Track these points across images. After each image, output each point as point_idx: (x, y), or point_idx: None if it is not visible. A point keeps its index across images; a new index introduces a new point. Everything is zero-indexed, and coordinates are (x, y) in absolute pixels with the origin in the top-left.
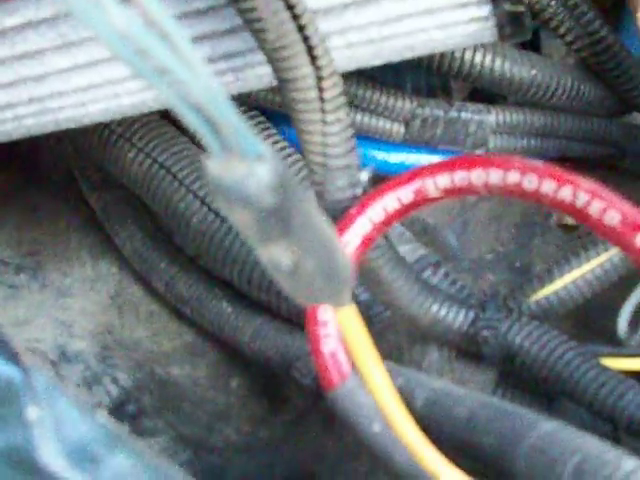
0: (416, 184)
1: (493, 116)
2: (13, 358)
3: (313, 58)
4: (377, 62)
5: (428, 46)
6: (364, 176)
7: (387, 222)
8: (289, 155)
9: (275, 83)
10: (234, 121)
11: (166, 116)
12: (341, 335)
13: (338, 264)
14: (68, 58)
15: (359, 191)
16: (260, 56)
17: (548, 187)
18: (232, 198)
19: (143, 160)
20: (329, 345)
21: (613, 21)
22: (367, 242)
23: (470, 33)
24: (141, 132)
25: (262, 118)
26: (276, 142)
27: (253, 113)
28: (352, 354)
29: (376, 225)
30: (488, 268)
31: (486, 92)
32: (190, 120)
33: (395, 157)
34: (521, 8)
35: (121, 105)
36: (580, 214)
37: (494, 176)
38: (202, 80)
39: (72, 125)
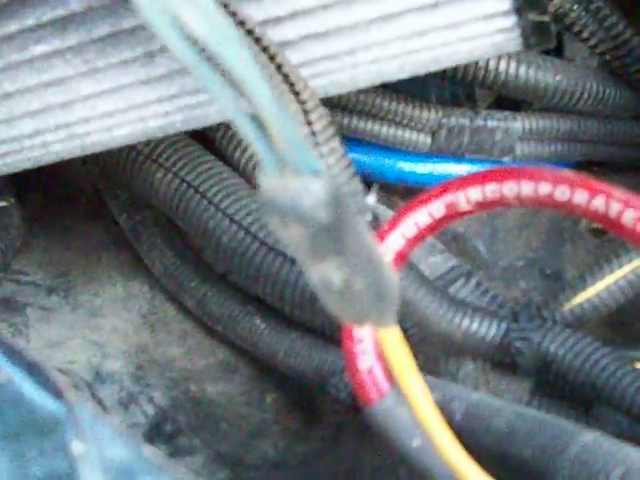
0: (447, 198)
1: (519, 123)
2: (59, 394)
3: (296, 94)
4: (402, 76)
5: (453, 58)
6: (370, 200)
7: (419, 237)
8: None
9: None
10: (293, 135)
11: (193, 135)
12: (379, 352)
13: (386, 284)
14: (94, 84)
15: (368, 217)
16: None
17: (580, 197)
18: (285, 215)
19: (171, 180)
20: (366, 362)
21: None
22: (401, 257)
23: (495, 44)
24: (168, 152)
25: None
26: None
27: None
28: (394, 372)
29: (409, 240)
30: (519, 275)
31: (511, 99)
32: (248, 133)
33: (423, 168)
34: (546, 18)
35: (147, 128)
36: (613, 224)
37: (526, 188)
38: (265, 92)
39: (99, 149)
